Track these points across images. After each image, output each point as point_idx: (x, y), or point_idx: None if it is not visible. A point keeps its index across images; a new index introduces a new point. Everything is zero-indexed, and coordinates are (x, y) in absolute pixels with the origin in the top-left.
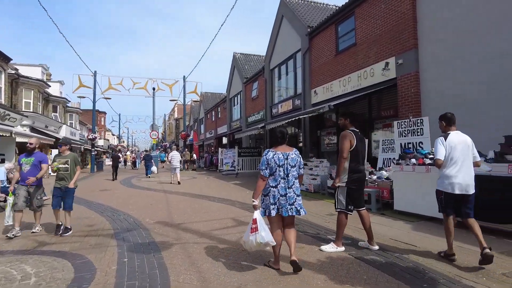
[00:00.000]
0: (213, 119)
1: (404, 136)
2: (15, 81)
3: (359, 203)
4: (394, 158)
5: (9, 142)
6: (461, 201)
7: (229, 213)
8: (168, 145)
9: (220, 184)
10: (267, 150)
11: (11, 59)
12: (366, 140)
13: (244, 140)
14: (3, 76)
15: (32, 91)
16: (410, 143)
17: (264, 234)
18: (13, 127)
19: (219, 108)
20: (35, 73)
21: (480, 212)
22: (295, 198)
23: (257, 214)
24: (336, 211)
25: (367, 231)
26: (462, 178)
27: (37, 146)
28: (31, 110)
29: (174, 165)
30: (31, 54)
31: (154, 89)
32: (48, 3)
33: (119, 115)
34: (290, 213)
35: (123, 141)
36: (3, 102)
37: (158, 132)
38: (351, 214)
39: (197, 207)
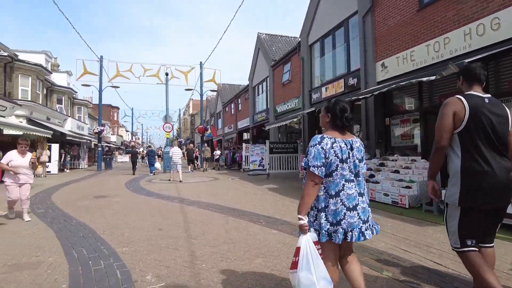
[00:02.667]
0: (232, 112)
1: None
2: (10, 65)
3: (486, 235)
4: None
5: None
6: None
7: None
8: (183, 142)
9: (253, 190)
10: (318, 136)
11: None
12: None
13: (272, 134)
14: None
15: (30, 78)
16: None
17: (304, 279)
18: (3, 117)
19: (239, 100)
20: (38, 60)
21: None
22: (369, 211)
23: (304, 242)
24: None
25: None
26: None
27: None
28: (29, 99)
29: (175, 161)
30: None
31: (167, 74)
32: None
33: (132, 109)
34: (366, 237)
35: (138, 137)
36: None
37: (172, 125)
38: (476, 250)
39: (238, 239)
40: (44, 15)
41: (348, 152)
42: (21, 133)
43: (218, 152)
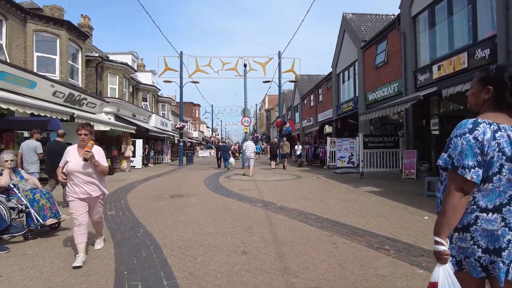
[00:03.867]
0: (311, 104)
1: None
2: (100, 65)
3: None
4: None
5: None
6: None
7: None
8: (259, 137)
9: (351, 194)
10: (470, 120)
11: (88, 37)
12: None
13: (363, 126)
14: (80, 55)
15: (117, 76)
16: None
17: None
18: (94, 113)
19: (320, 90)
20: (125, 61)
21: None
22: None
23: (442, 275)
24: None
25: None
26: None
27: None
28: (117, 97)
29: (248, 155)
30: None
31: (245, 66)
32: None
33: (212, 106)
34: None
35: (218, 133)
36: (80, 85)
37: (250, 119)
38: None
39: (365, 285)
40: (134, 26)
41: None
42: (108, 129)
43: (300, 147)
